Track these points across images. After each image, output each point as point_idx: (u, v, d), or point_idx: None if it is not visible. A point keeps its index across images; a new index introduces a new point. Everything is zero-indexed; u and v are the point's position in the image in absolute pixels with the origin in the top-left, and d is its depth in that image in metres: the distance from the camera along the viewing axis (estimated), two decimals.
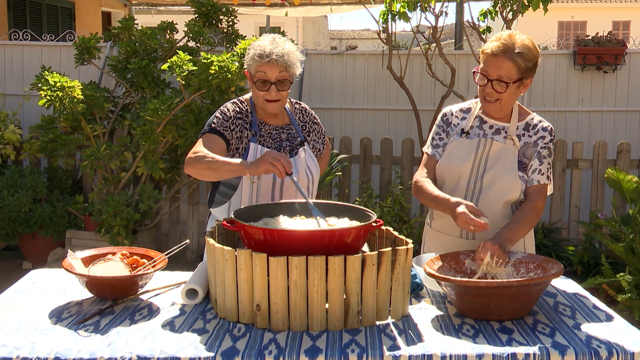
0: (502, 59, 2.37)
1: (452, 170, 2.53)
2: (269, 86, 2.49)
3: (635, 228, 4.66)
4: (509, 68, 2.37)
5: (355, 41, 26.69)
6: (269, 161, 2.23)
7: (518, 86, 2.43)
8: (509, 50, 2.37)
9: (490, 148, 2.50)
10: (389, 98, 6.90)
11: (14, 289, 2.32)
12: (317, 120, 2.78)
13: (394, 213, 5.43)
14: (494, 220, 2.49)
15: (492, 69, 2.39)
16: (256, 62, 2.48)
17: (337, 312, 1.95)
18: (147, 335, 1.89)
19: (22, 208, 5.39)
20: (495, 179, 2.48)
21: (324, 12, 10.43)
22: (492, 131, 2.53)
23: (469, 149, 2.52)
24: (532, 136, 2.51)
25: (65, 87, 5.12)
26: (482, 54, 2.45)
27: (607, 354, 1.82)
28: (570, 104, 6.85)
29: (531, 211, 2.42)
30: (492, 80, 2.40)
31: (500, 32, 2.48)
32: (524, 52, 2.38)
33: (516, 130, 2.52)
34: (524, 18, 6.59)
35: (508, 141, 2.50)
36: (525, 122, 2.54)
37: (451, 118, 2.60)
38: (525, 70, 2.40)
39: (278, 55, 2.46)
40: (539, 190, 2.48)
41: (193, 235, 5.99)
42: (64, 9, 10.35)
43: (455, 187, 2.53)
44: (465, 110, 2.61)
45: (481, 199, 2.50)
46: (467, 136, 2.53)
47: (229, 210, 2.60)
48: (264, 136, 2.59)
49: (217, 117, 2.56)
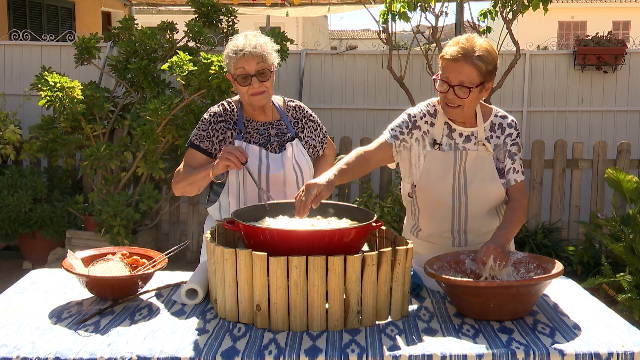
0: (462, 64, 2.31)
1: (433, 187, 2.48)
2: (250, 79, 2.52)
3: (635, 228, 4.66)
4: (470, 72, 2.32)
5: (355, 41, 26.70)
6: (224, 157, 2.37)
7: (480, 90, 2.37)
8: (469, 54, 2.31)
9: (466, 158, 2.46)
10: (389, 98, 6.90)
11: (14, 289, 2.32)
12: (314, 118, 2.79)
13: (394, 213, 5.43)
14: (482, 225, 2.52)
15: (453, 74, 2.33)
16: (232, 59, 2.53)
17: (337, 312, 1.95)
18: (147, 335, 1.89)
19: (22, 208, 5.39)
20: (480, 191, 2.47)
21: (324, 12, 10.42)
22: (462, 139, 2.48)
23: (445, 163, 2.47)
24: (500, 136, 2.49)
25: (65, 87, 5.12)
26: (441, 59, 2.38)
27: (607, 354, 1.82)
28: (570, 104, 6.86)
29: (519, 209, 2.43)
30: (453, 86, 2.34)
31: (457, 37, 2.40)
32: (484, 55, 2.33)
33: (484, 133, 2.48)
34: (524, 18, 6.59)
35: (480, 147, 2.47)
36: (490, 122, 2.50)
37: (419, 122, 2.50)
38: (487, 74, 2.35)
39: (252, 47, 2.51)
40: (519, 188, 2.48)
41: (193, 235, 5.99)
42: (64, 9, 10.35)
43: (440, 203, 2.50)
44: (432, 114, 2.51)
45: (469, 210, 2.49)
46: (440, 148, 2.47)
47: (220, 208, 2.64)
48: (251, 132, 2.62)
49: (198, 127, 2.65)
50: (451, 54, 2.33)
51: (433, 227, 2.56)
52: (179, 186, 2.58)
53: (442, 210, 2.50)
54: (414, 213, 2.62)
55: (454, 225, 2.52)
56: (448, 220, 2.51)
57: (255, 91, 2.54)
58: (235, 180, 2.57)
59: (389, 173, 5.97)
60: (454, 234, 2.54)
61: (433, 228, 2.56)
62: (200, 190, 2.61)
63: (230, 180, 2.58)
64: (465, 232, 2.53)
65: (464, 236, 2.53)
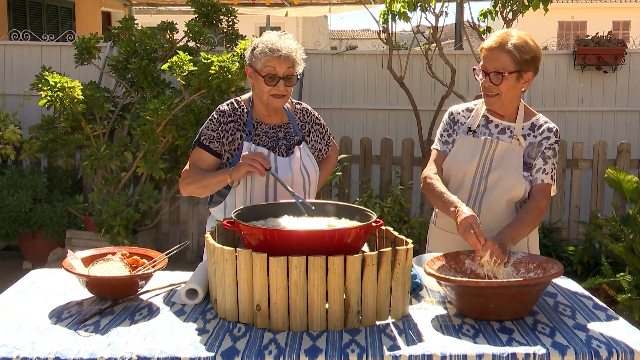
0: (497, 52, 2.42)
1: (457, 168, 2.54)
2: (277, 81, 2.49)
3: (635, 228, 4.66)
4: (504, 60, 2.41)
5: (355, 41, 26.70)
6: (246, 163, 2.36)
7: (517, 79, 2.44)
8: (504, 43, 2.42)
9: (496, 148, 2.51)
10: (389, 98, 6.90)
11: (14, 289, 2.32)
12: (320, 121, 2.77)
13: (394, 213, 5.43)
14: (498, 219, 2.49)
15: (489, 62, 2.44)
16: (266, 56, 2.47)
17: (337, 312, 1.95)
18: (147, 335, 1.89)
19: (22, 208, 5.39)
20: (500, 179, 2.48)
21: (324, 12, 10.43)
22: (497, 130, 2.55)
23: (475, 148, 2.53)
24: (537, 136, 2.52)
25: (65, 88, 5.12)
26: (481, 50, 2.50)
27: (607, 354, 1.82)
28: (570, 104, 6.86)
29: (534, 210, 2.42)
30: (489, 73, 2.44)
31: (500, 30, 2.53)
32: (519, 43, 2.42)
33: (522, 130, 2.53)
34: (524, 18, 6.58)
35: (514, 141, 2.51)
36: (531, 122, 2.55)
37: (458, 117, 2.63)
38: (522, 62, 2.42)
39: (288, 51, 2.48)
40: (543, 190, 2.48)
41: (193, 235, 5.99)
42: (64, 9, 10.35)
43: (460, 186, 2.54)
44: (471, 109, 2.64)
45: (485, 198, 2.50)
46: (474, 135, 2.56)
47: (225, 209, 2.61)
48: (260, 135, 2.60)
49: (207, 126, 2.59)
50: (488, 43, 2.46)
51: None
52: (189, 188, 2.55)
53: (459, 193, 2.51)
54: None
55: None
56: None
57: (280, 93, 2.51)
58: (242, 182, 2.54)
59: (389, 173, 5.97)
60: None
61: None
62: (212, 193, 2.60)
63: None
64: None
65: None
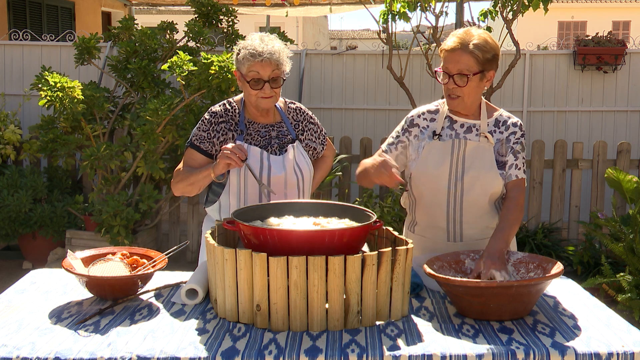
0: (459, 53, 2.39)
1: (429, 174, 2.51)
2: (263, 84, 2.52)
3: (635, 228, 4.66)
4: (468, 61, 2.39)
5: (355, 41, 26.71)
6: (224, 155, 2.38)
7: (480, 79, 2.43)
8: (466, 43, 2.39)
9: (466, 147, 2.49)
10: (389, 98, 6.90)
11: (14, 289, 2.32)
12: (314, 120, 2.79)
13: (394, 213, 5.43)
14: (481, 216, 2.51)
15: (452, 64, 2.41)
16: (248, 62, 2.51)
17: (337, 312, 1.95)
18: (147, 335, 1.89)
19: (22, 208, 5.39)
20: (476, 178, 2.47)
21: (324, 12, 10.43)
22: (463, 130, 2.52)
23: (443, 151, 2.50)
24: (504, 132, 2.52)
25: (65, 88, 5.12)
26: (441, 52, 2.47)
27: (607, 354, 1.82)
28: (570, 104, 6.86)
29: (515, 208, 2.43)
30: (453, 75, 2.41)
31: (456, 30, 2.49)
32: (481, 43, 2.40)
33: (487, 127, 2.51)
34: (524, 18, 6.60)
35: (482, 139, 2.49)
36: (495, 118, 2.54)
37: (417, 119, 2.59)
38: (485, 62, 2.41)
39: (270, 54, 2.50)
40: (518, 185, 2.48)
41: (193, 235, 5.99)
42: (64, 9, 10.35)
43: (436, 191, 2.51)
44: (433, 111, 2.59)
45: (465, 199, 2.49)
46: (440, 138, 2.52)
47: (219, 208, 2.63)
48: (252, 134, 2.62)
49: (198, 127, 2.64)
50: (449, 44, 2.42)
51: (429, 217, 2.56)
52: (179, 186, 2.59)
53: (437, 197, 2.50)
54: (411, 206, 2.64)
55: (449, 213, 2.51)
56: (443, 208, 2.51)
57: (266, 95, 2.54)
58: (235, 181, 2.56)
59: None
60: (449, 225, 2.52)
61: (428, 218, 2.56)
62: (200, 190, 2.61)
63: (231, 181, 2.58)
64: (461, 223, 2.51)
65: (459, 229, 2.52)
